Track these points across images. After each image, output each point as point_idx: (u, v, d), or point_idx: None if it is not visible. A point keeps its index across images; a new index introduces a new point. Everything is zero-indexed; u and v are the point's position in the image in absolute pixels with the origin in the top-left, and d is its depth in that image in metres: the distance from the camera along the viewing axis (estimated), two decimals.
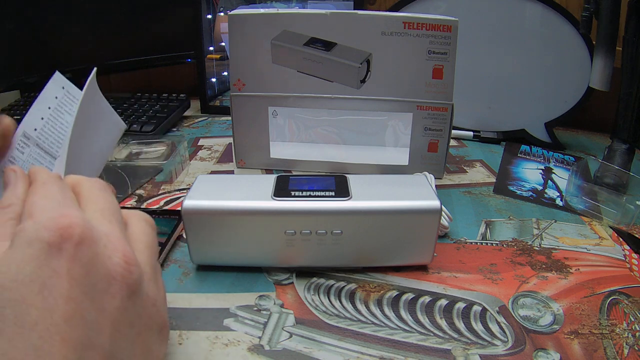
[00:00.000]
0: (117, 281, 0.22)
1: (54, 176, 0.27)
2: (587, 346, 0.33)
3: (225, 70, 0.94)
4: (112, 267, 0.22)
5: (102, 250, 0.23)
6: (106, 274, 0.22)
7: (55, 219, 0.22)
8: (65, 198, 0.25)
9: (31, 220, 0.22)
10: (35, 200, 0.24)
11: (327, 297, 0.38)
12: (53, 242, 0.21)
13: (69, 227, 0.22)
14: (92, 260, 0.22)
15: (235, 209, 0.37)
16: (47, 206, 0.24)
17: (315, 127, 0.63)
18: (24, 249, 0.21)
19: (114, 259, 0.23)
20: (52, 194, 0.25)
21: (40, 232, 0.21)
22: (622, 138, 0.59)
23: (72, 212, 0.23)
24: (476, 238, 0.47)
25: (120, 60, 0.90)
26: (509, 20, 0.70)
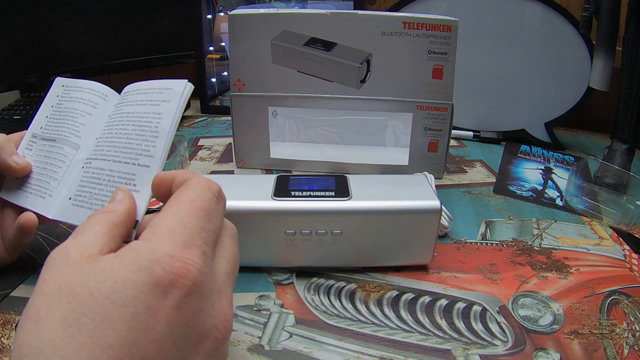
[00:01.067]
0: (209, 340, 0.22)
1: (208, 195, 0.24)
2: (587, 346, 0.33)
3: (225, 70, 0.94)
4: (211, 327, 0.22)
5: (208, 307, 0.22)
6: (203, 331, 0.21)
7: (173, 260, 0.20)
8: (203, 231, 0.23)
9: (149, 245, 0.21)
10: (167, 217, 0.23)
11: (327, 297, 0.38)
12: (161, 283, 0.20)
13: (183, 275, 0.20)
14: (194, 314, 0.21)
15: (235, 209, 0.37)
16: (176, 237, 0.22)
17: (315, 127, 0.63)
18: (129, 272, 0.20)
19: (216, 320, 0.22)
20: (190, 220, 0.23)
21: (153, 266, 0.20)
22: (622, 138, 0.59)
23: (195, 260, 0.21)
24: (476, 238, 0.47)
25: (120, 60, 0.90)
26: (509, 20, 0.70)
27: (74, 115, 0.37)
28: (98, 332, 0.18)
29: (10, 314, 0.35)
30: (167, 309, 0.20)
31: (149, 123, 0.32)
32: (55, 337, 0.18)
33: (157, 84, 0.34)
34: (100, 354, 0.18)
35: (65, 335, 0.18)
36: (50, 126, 0.38)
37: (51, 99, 0.39)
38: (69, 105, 0.38)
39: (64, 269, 0.20)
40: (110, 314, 0.19)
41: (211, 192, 0.25)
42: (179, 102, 0.32)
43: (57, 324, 0.18)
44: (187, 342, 0.21)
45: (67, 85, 0.39)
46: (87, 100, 0.38)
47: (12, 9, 0.74)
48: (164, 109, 0.32)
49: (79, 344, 0.18)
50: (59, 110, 0.38)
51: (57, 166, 0.36)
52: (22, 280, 0.38)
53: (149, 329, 0.19)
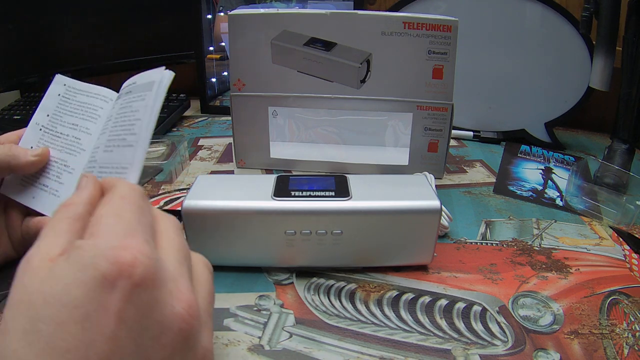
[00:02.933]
0: (172, 332, 0.21)
1: (136, 192, 0.25)
2: (587, 346, 0.33)
3: (225, 70, 0.94)
4: (171, 317, 0.21)
5: (165, 296, 0.21)
6: (162, 322, 0.20)
7: (117, 250, 0.20)
8: (139, 223, 0.23)
9: (92, 241, 0.21)
10: (104, 215, 0.23)
11: (327, 297, 0.38)
12: (108, 276, 0.19)
13: (130, 264, 0.20)
14: (148, 305, 0.20)
15: (235, 209, 0.37)
16: (115, 229, 0.21)
17: (315, 127, 0.63)
18: (76, 271, 0.19)
19: (177, 308, 0.21)
20: (125, 214, 0.23)
21: (97, 261, 0.19)
22: (622, 138, 0.59)
23: (139, 246, 0.21)
24: (476, 238, 0.47)
25: (120, 60, 0.90)
26: (509, 20, 0.70)
27: (76, 124, 0.37)
28: (54, 338, 0.18)
29: None
30: (117, 302, 0.19)
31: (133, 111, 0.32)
32: (18, 347, 0.18)
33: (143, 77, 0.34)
34: (58, 359, 0.18)
35: (26, 344, 0.18)
36: (53, 130, 0.38)
37: (52, 98, 0.39)
38: (73, 112, 0.38)
39: (26, 278, 0.20)
40: (64, 318, 0.18)
41: (137, 190, 0.25)
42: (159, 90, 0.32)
43: (19, 333, 0.18)
44: (147, 337, 0.20)
45: (70, 86, 0.39)
46: (92, 105, 0.38)
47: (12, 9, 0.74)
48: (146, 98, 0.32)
49: (38, 350, 0.18)
50: (62, 113, 0.38)
51: (60, 167, 0.36)
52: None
53: (103, 328, 0.19)
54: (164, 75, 0.32)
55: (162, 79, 0.32)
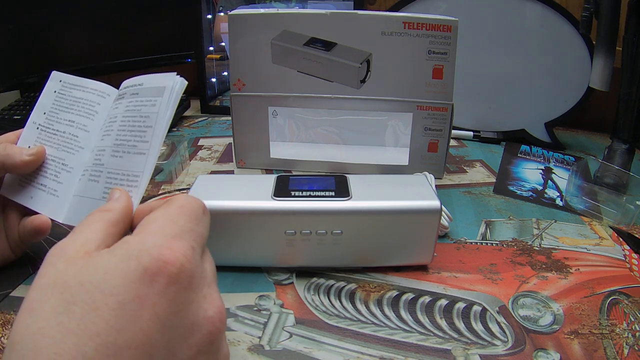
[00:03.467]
0: (201, 333, 0.21)
1: (195, 205, 0.26)
2: (587, 346, 0.33)
3: (225, 70, 0.94)
4: (203, 320, 0.22)
5: (199, 299, 0.22)
6: (193, 323, 0.21)
7: (162, 248, 0.21)
8: (191, 231, 0.24)
9: (139, 237, 0.22)
10: (158, 218, 0.24)
11: (327, 297, 0.38)
12: (148, 270, 0.20)
13: (172, 263, 0.21)
14: (183, 304, 0.21)
15: (235, 209, 0.37)
16: (165, 231, 0.23)
17: (315, 127, 0.63)
18: (119, 262, 0.20)
19: (210, 312, 0.22)
20: (179, 221, 0.24)
21: (142, 254, 0.20)
22: (622, 138, 0.59)
23: (183, 249, 0.22)
24: (476, 238, 0.47)
25: (120, 60, 0.90)
26: (509, 20, 0.70)
27: (73, 120, 0.37)
28: (86, 320, 0.19)
29: (10, 314, 0.35)
30: (154, 296, 0.20)
31: (144, 117, 0.32)
32: (45, 325, 0.19)
33: (152, 80, 0.34)
34: (87, 341, 0.18)
35: (55, 323, 0.19)
36: (50, 128, 0.38)
37: (49, 96, 0.39)
38: (70, 108, 0.38)
39: (60, 264, 0.21)
40: (99, 303, 0.19)
41: (197, 203, 0.26)
42: (170, 97, 0.32)
43: (48, 312, 0.19)
44: (176, 333, 0.21)
45: (65, 82, 0.39)
46: (89, 101, 0.38)
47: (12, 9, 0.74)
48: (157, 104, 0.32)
49: (67, 331, 0.18)
50: (58, 110, 0.38)
51: (59, 166, 0.36)
52: (22, 280, 0.38)
53: (136, 318, 0.19)
54: (176, 82, 0.32)
55: (174, 85, 0.32)
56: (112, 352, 0.18)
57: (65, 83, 0.39)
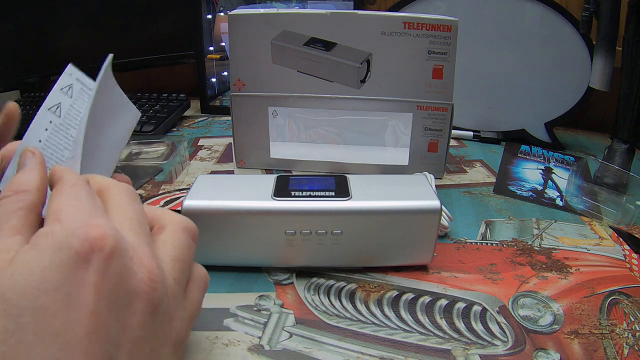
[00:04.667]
0: (140, 298, 0.21)
1: (82, 179, 0.25)
2: (587, 346, 0.33)
3: (225, 70, 0.94)
4: (136, 283, 0.22)
5: (128, 264, 0.22)
6: (130, 290, 0.21)
7: (86, 228, 0.21)
8: (95, 205, 0.23)
9: (59, 225, 0.21)
10: (63, 202, 0.23)
11: (327, 297, 0.38)
12: (82, 252, 0.20)
13: (100, 238, 0.21)
14: (119, 274, 0.21)
15: (235, 209, 0.37)
16: (77, 212, 0.22)
17: (315, 127, 0.63)
18: (51, 254, 0.20)
19: (139, 274, 0.22)
20: (81, 199, 0.23)
21: (70, 240, 0.20)
22: (622, 138, 0.59)
23: (104, 222, 0.22)
24: (476, 238, 0.47)
25: (120, 60, 0.89)
26: (509, 20, 0.70)
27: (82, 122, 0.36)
28: (40, 327, 0.18)
29: None
30: (93, 277, 0.20)
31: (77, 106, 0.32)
32: (6, 349, 0.18)
33: None
34: (49, 346, 0.18)
35: (13, 342, 0.18)
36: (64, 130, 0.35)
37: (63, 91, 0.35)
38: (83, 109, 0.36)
39: None
40: (46, 304, 0.19)
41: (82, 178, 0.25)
42: None
43: (3, 334, 0.18)
44: (121, 305, 0.21)
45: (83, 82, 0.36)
46: None
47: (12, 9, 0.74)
48: None
49: (28, 345, 0.18)
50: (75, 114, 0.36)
51: None
52: None
53: (85, 304, 0.19)
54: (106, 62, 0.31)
55: None
56: (75, 345, 0.18)
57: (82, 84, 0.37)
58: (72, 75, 0.36)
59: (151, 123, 0.73)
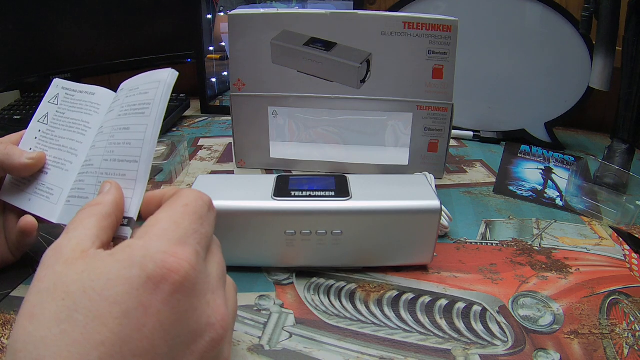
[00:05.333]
0: (204, 340, 0.21)
1: (201, 202, 0.25)
2: (587, 346, 0.33)
3: (225, 70, 0.94)
4: (206, 326, 0.21)
5: (203, 306, 0.22)
6: (196, 329, 0.21)
7: (166, 255, 0.21)
8: (195, 233, 0.23)
9: (143, 242, 0.21)
10: (162, 220, 0.23)
11: (327, 297, 0.38)
12: (153, 278, 0.20)
13: (175, 270, 0.20)
14: (186, 311, 0.21)
15: (235, 209, 0.37)
16: (169, 235, 0.22)
17: (315, 127, 0.63)
18: (122, 269, 0.20)
19: (212, 319, 0.22)
20: (184, 222, 0.23)
21: (145, 261, 0.20)
22: (622, 138, 0.59)
23: (187, 255, 0.21)
24: (476, 238, 0.47)
25: (120, 60, 0.90)
26: (509, 20, 0.70)
27: (76, 123, 0.37)
28: (90, 329, 0.18)
29: (10, 314, 0.35)
30: (158, 304, 0.20)
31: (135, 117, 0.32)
32: (48, 334, 0.18)
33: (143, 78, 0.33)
34: (91, 351, 0.18)
35: (58, 331, 0.18)
36: (50, 133, 0.37)
37: (50, 101, 0.39)
38: (71, 114, 0.38)
39: (58, 266, 0.20)
40: (103, 311, 0.19)
41: (203, 200, 0.26)
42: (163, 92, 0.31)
43: (50, 320, 0.19)
44: (180, 341, 0.20)
45: (67, 88, 0.39)
46: (89, 103, 0.38)
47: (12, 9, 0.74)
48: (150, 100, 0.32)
49: (71, 340, 0.18)
50: (60, 116, 0.38)
51: (58, 170, 0.36)
52: (22, 280, 0.38)
53: (141, 327, 0.19)
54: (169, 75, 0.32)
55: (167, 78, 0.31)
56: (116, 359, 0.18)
57: (67, 90, 0.39)
58: (58, 86, 0.39)
59: None
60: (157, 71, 0.33)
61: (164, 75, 0.32)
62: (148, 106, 0.31)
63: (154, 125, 0.31)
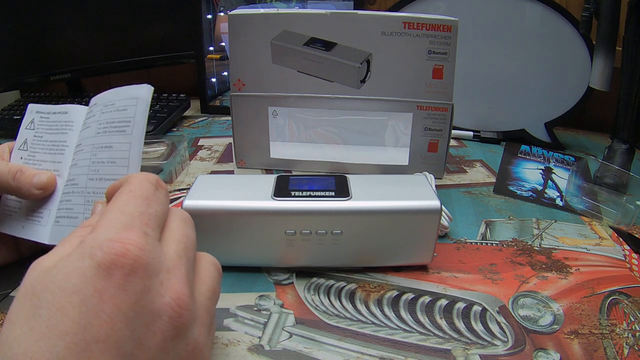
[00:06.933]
0: (162, 320, 0.22)
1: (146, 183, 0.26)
2: (587, 346, 0.33)
3: (225, 70, 0.94)
4: (161, 306, 0.22)
5: (156, 285, 0.22)
6: (153, 310, 0.22)
7: (112, 242, 0.21)
8: (142, 215, 0.24)
9: (92, 234, 0.22)
10: (108, 210, 0.24)
11: (327, 297, 0.38)
12: (102, 265, 0.21)
13: (123, 254, 0.21)
14: (141, 292, 0.21)
15: (235, 209, 0.37)
16: (115, 223, 0.23)
17: (315, 127, 0.63)
18: (76, 261, 0.21)
19: (166, 297, 0.22)
20: (128, 207, 0.24)
21: (94, 251, 0.21)
22: (622, 138, 0.59)
23: (134, 239, 0.22)
24: (476, 238, 0.47)
25: (120, 60, 0.90)
26: (509, 20, 0.70)
27: (55, 144, 0.38)
28: (53, 321, 0.19)
29: None
30: (112, 289, 0.20)
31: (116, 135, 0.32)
32: (19, 333, 0.20)
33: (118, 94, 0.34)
34: (57, 341, 0.19)
35: (27, 329, 0.20)
36: (32, 158, 0.38)
37: (27, 127, 0.39)
38: (48, 136, 0.38)
39: (34, 273, 0.22)
40: (63, 302, 0.20)
41: (148, 181, 0.26)
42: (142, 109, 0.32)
43: (21, 320, 0.20)
44: (139, 322, 0.21)
45: (41, 111, 0.39)
46: (63, 123, 0.38)
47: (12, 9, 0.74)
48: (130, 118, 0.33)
49: (39, 334, 0.19)
50: (39, 140, 0.38)
51: None
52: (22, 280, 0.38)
53: (99, 312, 0.20)
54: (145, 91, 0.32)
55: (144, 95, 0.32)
56: (81, 348, 0.19)
57: (41, 113, 0.39)
58: (32, 111, 0.40)
59: (151, 123, 0.73)
60: (132, 87, 0.33)
61: (141, 91, 0.32)
62: (128, 124, 0.32)
63: (137, 142, 0.32)
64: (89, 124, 0.35)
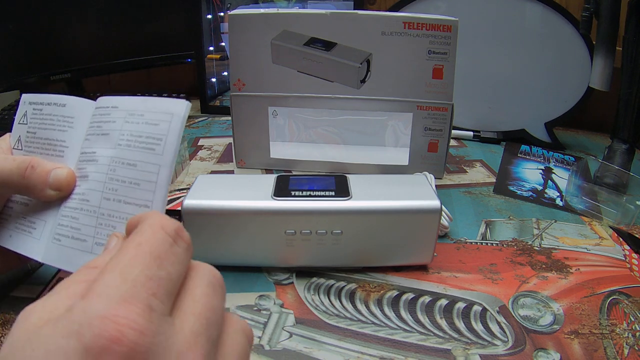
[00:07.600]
0: None
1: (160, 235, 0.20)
2: (587, 346, 0.33)
3: (225, 70, 0.94)
4: None
5: None
6: None
7: (104, 321, 0.17)
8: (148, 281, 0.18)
9: (83, 305, 0.17)
10: (107, 270, 0.19)
11: (327, 297, 0.38)
12: (91, 350, 0.16)
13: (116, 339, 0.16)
14: None
15: (235, 209, 0.37)
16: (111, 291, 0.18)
17: (315, 127, 0.63)
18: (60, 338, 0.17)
19: None
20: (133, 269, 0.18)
21: (82, 330, 0.16)
22: (622, 138, 0.59)
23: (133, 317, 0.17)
24: (476, 238, 0.47)
25: (120, 60, 0.90)
26: (509, 20, 0.70)
27: (51, 144, 0.32)
28: None
29: (10, 314, 0.35)
30: None
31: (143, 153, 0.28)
32: None
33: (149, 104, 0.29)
34: None
35: None
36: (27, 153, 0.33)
37: (20, 122, 0.33)
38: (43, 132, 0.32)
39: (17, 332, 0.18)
40: None
41: (164, 231, 0.20)
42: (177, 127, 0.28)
43: None
44: None
45: (34, 102, 0.33)
46: (60, 118, 0.32)
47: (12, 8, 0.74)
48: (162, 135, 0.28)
49: None
50: (32, 137, 0.33)
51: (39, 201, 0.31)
52: (22, 280, 0.38)
53: None
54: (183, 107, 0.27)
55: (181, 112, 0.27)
56: None
57: (34, 104, 0.33)
58: (25, 102, 0.34)
59: None
60: (166, 100, 0.29)
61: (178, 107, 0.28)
62: (159, 142, 0.27)
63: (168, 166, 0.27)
64: (107, 131, 0.30)
